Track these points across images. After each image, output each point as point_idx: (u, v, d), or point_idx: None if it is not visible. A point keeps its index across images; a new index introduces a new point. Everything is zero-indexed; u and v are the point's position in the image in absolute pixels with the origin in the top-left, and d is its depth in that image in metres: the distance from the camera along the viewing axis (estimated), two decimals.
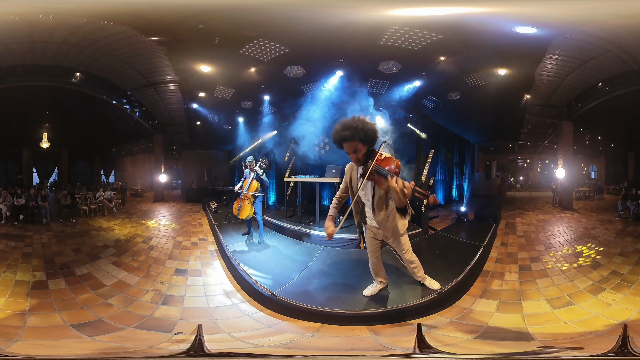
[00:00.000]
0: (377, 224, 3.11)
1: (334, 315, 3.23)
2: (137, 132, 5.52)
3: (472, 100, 4.87)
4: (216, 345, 2.77)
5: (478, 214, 5.31)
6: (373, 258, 3.38)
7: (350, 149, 2.79)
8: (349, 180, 3.10)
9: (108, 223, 5.09)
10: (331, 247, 4.73)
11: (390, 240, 3.22)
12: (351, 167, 3.08)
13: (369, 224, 3.20)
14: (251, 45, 4.30)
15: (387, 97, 5.04)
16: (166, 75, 4.80)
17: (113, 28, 3.96)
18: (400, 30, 4.00)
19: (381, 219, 3.05)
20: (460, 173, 5.84)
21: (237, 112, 5.57)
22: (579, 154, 5.19)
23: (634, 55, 4.08)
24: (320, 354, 2.69)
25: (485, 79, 4.62)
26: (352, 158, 2.87)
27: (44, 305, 3.37)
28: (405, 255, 3.28)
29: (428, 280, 3.47)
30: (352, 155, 2.83)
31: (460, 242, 4.56)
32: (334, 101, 5.11)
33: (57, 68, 4.50)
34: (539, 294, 3.58)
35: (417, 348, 2.68)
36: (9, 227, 4.67)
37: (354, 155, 2.82)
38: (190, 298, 3.70)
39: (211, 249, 4.71)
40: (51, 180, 5.36)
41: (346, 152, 2.84)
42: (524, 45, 4.00)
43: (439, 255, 4.24)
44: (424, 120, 5.33)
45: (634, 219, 4.67)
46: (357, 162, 2.87)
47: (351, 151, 2.80)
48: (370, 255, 3.37)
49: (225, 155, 6.15)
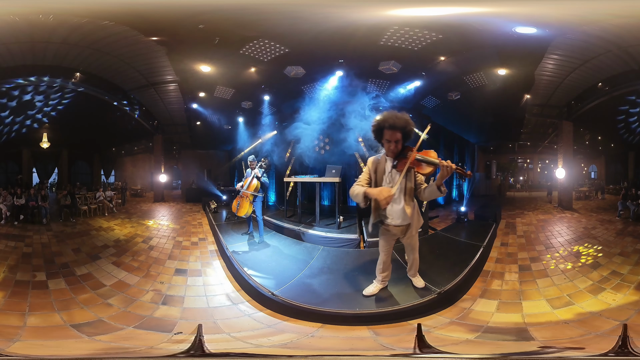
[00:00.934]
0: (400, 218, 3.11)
1: (334, 315, 3.23)
2: (137, 132, 5.52)
3: (472, 100, 4.87)
4: (216, 345, 2.77)
5: (478, 214, 5.30)
6: (384, 256, 3.40)
7: (393, 138, 2.88)
8: (373, 173, 3.10)
9: (108, 223, 5.09)
10: (331, 247, 4.73)
11: (405, 237, 3.27)
12: (376, 160, 3.10)
13: (388, 222, 3.17)
14: (251, 45, 4.29)
15: (387, 97, 5.04)
16: (166, 75, 4.80)
17: (113, 28, 3.96)
18: (400, 30, 4.00)
19: (410, 211, 3.11)
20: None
21: (237, 112, 5.57)
22: (579, 154, 5.19)
23: (634, 55, 4.08)
24: (321, 354, 2.69)
25: (485, 79, 4.62)
26: (389, 148, 2.94)
27: (44, 305, 3.37)
28: (414, 253, 3.39)
29: (417, 278, 3.55)
30: (391, 145, 2.91)
31: (460, 242, 4.56)
32: (334, 101, 5.11)
33: (57, 68, 4.50)
34: (539, 294, 3.58)
35: (417, 348, 2.68)
36: (9, 227, 4.67)
37: (392, 145, 2.91)
38: (190, 298, 3.70)
39: (211, 249, 4.71)
40: (51, 180, 5.36)
41: (386, 139, 2.92)
42: (524, 45, 4.00)
43: (439, 255, 4.24)
44: (424, 120, 5.33)
45: (634, 219, 4.67)
46: (392, 152, 2.95)
47: (393, 140, 2.89)
48: (383, 252, 3.39)
49: (225, 155, 6.15)
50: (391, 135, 2.90)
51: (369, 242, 4.64)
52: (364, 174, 3.14)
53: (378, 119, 2.95)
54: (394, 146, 2.93)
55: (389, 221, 3.17)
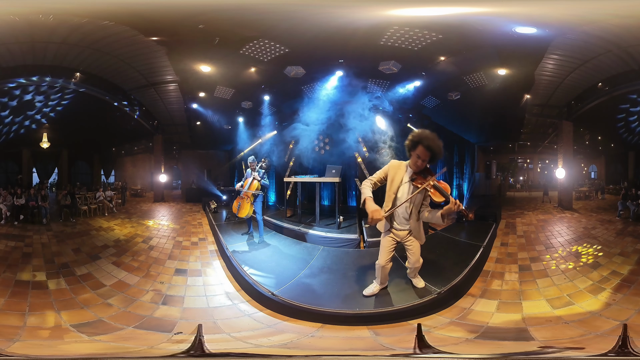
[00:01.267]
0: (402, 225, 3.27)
1: (334, 315, 3.24)
2: (137, 132, 5.52)
3: (472, 100, 4.86)
4: (216, 345, 2.77)
5: (478, 214, 5.30)
6: (385, 258, 3.40)
7: (424, 156, 3.09)
8: (391, 178, 3.24)
9: (108, 223, 5.09)
10: (331, 247, 4.73)
11: (409, 241, 3.34)
12: (397, 166, 3.26)
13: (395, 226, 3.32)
14: (251, 45, 4.29)
15: (387, 97, 5.04)
16: (166, 75, 4.80)
17: (113, 28, 3.96)
18: (400, 30, 4.00)
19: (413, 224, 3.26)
20: (460, 173, 5.84)
21: (237, 112, 5.56)
22: (579, 154, 5.18)
23: (634, 55, 4.08)
24: (320, 354, 2.69)
25: (485, 79, 4.61)
26: (416, 162, 3.13)
27: (44, 305, 3.37)
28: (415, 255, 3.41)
29: (417, 278, 3.59)
30: (418, 161, 3.11)
31: (460, 242, 4.56)
32: (333, 101, 5.10)
33: (57, 68, 4.50)
34: (539, 294, 3.58)
35: (417, 348, 2.68)
36: (9, 227, 4.67)
37: (419, 161, 3.11)
38: (190, 298, 3.70)
39: (211, 249, 4.71)
40: (51, 180, 5.35)
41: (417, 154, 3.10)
42: (524, 45, 3.99)
43: (439, 255, 4.24)
44: (424, 120, 5.33)
45: (634, 219, 4.67)
46: (416, 167, 3.15)
47: (424, 158, 3.09)
48: (384, 254, 3.40)
49: (225, 155, 6.15)
50: (424, 154, 3.09)
51: (369, 242, 4.65)
52: (380, 173, 3.29)
53: (419, 134, 3.12)
54: (421, 163, 3.13)
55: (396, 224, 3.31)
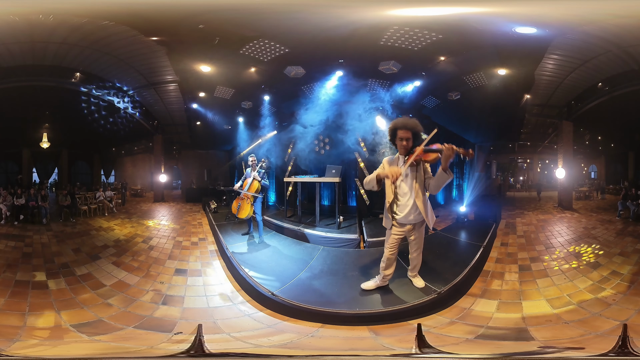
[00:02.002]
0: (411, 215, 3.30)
1: (334, 315, 3.24)
2: (137, 132, 5.52)
3: (472, 100, 4.86)
4: (216, 345, 2.77)
5: (478, 214, 5.30)
6: (389, 253, 3.44)
7: (405, 136, 3.25)
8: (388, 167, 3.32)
9: (108, 223, 5.09)
10: (331, 247, 4.73)
11: (413, 236, 3.38)
12: (390, 159, 3.39)
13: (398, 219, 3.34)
14: (251, 45, 4.29)
15: (387, 97, 5.03)
16: (166, 75, 4.80)
17: (113, 28, 3.96)
18: (400, 30, 4.00)
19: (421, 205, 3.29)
20: (460, 173, 5.84)
21: (237, 112, 5.56)
22: (579, 154, 5.18)
23: (634, 55, 4.07)
24: (320, 354, 2.69)
25: (485, 79, 4.61)
26: (401, 145, 3.28)
27: (44, 305, 3.37)
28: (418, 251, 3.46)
29: (417, 278, 3.62)
30: (402, 142, 3.26)
31: (460, 242, 4.56)
32: (333, 101, 5.10)
33: (57, 68, 4.49)
34: (539, 294, 3.58)
35: (417, 348, 2.68)
36: (9, 227, 4.66)
37: (404, 142, 3.25)
38: (190, 298, 3.70)
39: (211, 249, 4.71)
40: (51, 180, 5.35)
41: (399, 138, 3.28)
42: (524, 45, 3.99)
43: (439, 255, 4.24)
44: (424, 120, 5.32)
45: (634, 219, 4.66)
46: (404, 149, 3.28)
47: (405, 138, 3.25)
48: (388, 249, 3.44)
49: (225, 155, 6.15)
50: (403, 134, 3.25)
51: (369, 242, 4.65)
52: (379, 169, 3.38)
53: (392, 123, 3.37)
54: (406, 143, 3.26)
55: (399, 218, 3.32)
